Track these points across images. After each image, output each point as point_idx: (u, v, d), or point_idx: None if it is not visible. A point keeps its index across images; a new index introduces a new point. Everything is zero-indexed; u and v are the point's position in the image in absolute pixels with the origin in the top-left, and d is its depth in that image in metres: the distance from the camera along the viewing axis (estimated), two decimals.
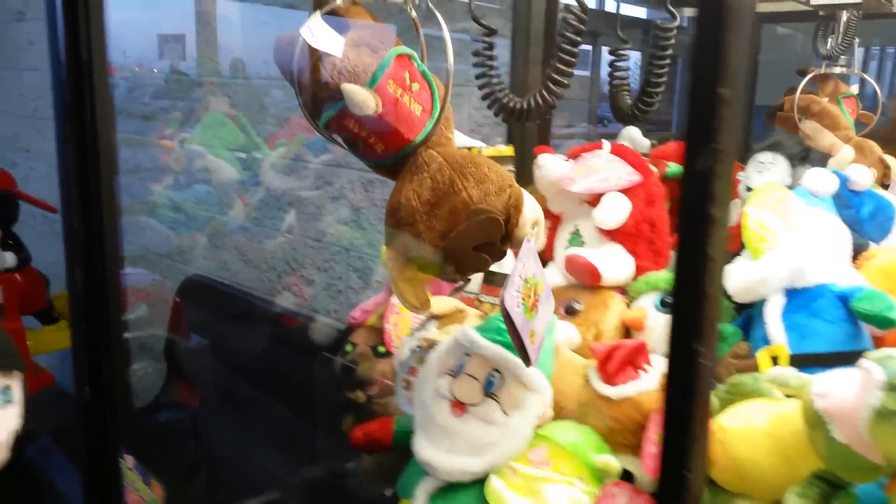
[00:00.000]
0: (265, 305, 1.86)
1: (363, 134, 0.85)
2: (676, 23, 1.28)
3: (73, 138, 0.87)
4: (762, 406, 0.85)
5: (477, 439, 0.83)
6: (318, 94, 0.82)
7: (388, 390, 1.25)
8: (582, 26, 1.12)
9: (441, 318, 1.07)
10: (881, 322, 0.94)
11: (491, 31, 1.30)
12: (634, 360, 0.89)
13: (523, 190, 0.87)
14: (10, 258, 2.89)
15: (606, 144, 1.29)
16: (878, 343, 1.02)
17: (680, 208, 0.45)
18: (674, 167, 1.46)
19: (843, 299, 0.98)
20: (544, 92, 1.40)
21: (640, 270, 1.21)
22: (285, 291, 1.82)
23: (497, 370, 0.85)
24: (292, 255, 1.86)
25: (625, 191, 1.22)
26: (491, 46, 1.36)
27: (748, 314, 1.10)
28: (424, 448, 0.84)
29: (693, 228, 0.44)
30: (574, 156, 1.32)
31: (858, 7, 1.74)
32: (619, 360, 0.88)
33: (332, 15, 0.83)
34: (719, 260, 0.44)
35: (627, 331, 1.19)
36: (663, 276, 1.16)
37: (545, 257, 1.34)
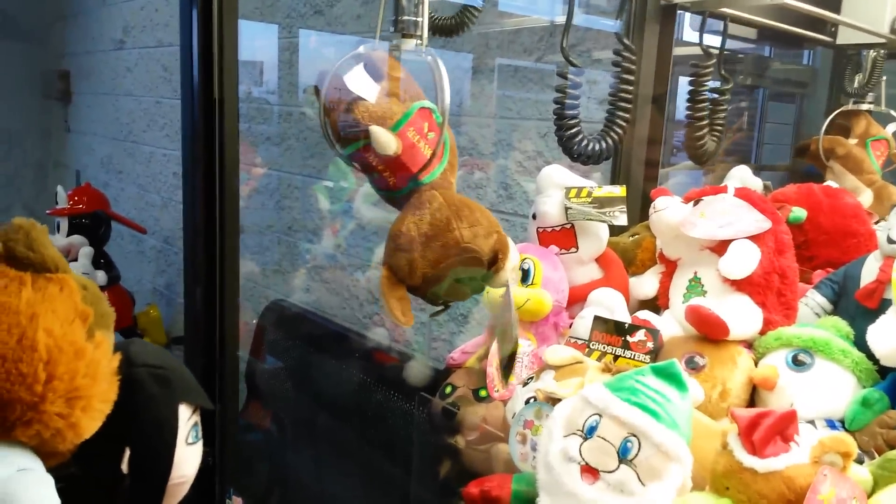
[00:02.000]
0: (354, 337, 1.84)
1: (380, 167, 1.01)
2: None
3: (202, 162, 0.87)
4: None
5: None
6: (347, 128, 0.98)
7: (490, 437, 1.20)
8: (632, 66, 1.34)
9: (558, 369, 1.01)
10: None
11: (572, 67, 1.31)
12: (784, 430, 0.81)
13: (508, 238, 1.03)
14: (101, 276, 2.99)
15: (731, 188, 1.22)
16: None
17: None
18: (798, 212, 1.37)
19: None
20: (613, 132, 1.38)
21: (768, 324, 1.13)
22: (375, 326, 1.80)
23: (634, 435, 0.78)
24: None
25: (753, 238, 1.15)
26: (576, 85, 1.34)
27: (895, 378, 1.01)
28: None
29: None
30: (694, 199, 1.25)
31: (884, 46, 1.73)
32: (768, 430, 0.80)
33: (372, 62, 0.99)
34: None
35: (754, 390, 1.10)
36: (796, 331, 1.08)
37: (659, 304, 1.28)
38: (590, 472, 0.79)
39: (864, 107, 1.83)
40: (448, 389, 1.25)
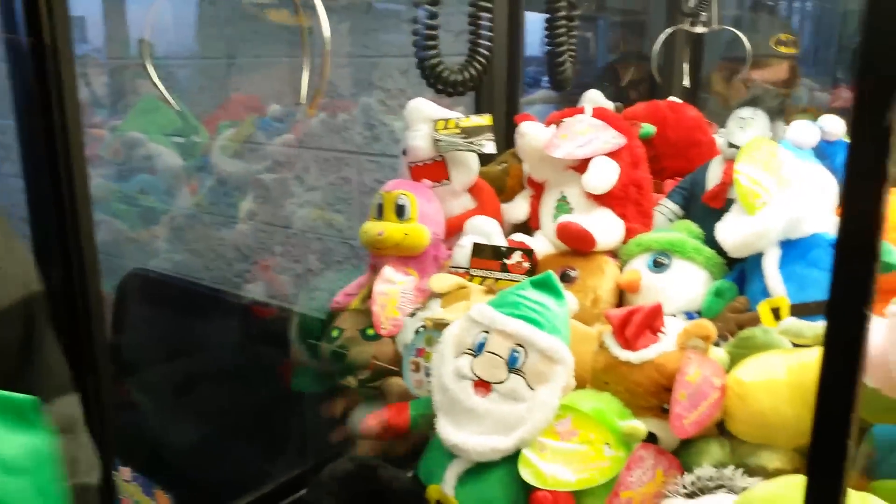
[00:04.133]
0: (227, 297, 1.77)
1: None
2: None
3: (42, 132, 0.78)
4: (779, 357, 0.86)
5: (505, 417, 0.81)
6: None
7: (381, 373, 1.21)
8: None
9: (443, 297, 1.03)
10: (885, 267, 0.96)
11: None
12: (651, 323, 0.89)
13: None
14: None
15: (588, 109, 1.27)
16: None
17: (850, 166, 0.42)
18: (647, 127, 1.46)
19: None
20: (475, 63, 1.40)
21: (629, 233, 1.21)
22: (247, 283, 1.74)
23: (520, 345, 0.82)
24: (253, 243, 1.77)
25: (611, 154, 1.21)
26: (434, 15, 1.33)
27: (741, 268, 1.12)
28: (452, 433, 0.81)
29: (862, 187, 0.41)
30: (555, 122, 1.30)
31: None
32: (638, 325, 0.87)
33: None
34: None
35: (621, 294, 1.19)
36: (653, 236, 1.16)
37: (530, 226, 1.33)
38: (482, 385, 0.82)
39: (699, 29, 1.95)
40: (335, 333, 1.24)
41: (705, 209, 1.23)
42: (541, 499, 0.77)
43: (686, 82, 2.08)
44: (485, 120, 1.31)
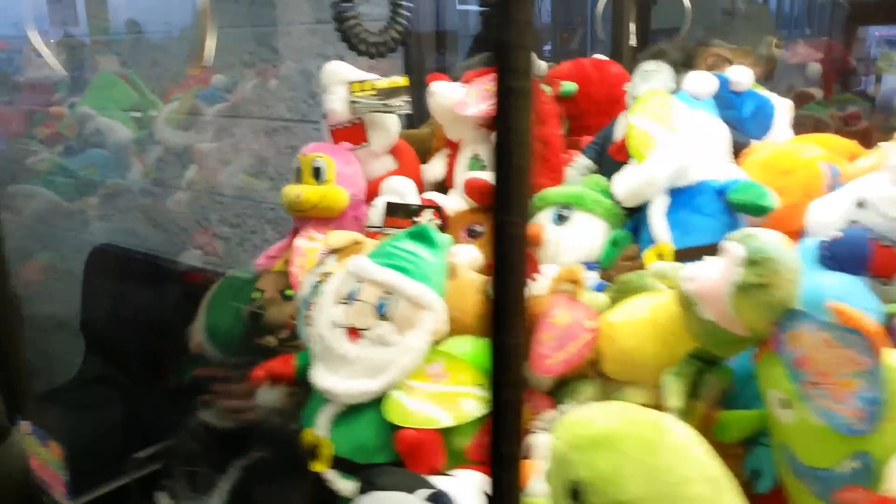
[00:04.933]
0: (174, 266, 1.81)
1: None
2: None
3: None
4: (645, 299, 0.89)
5: (374, 361, 0.84)
6: None
7: None
8: None
9: (340, 252, 1.07)
10: (755, 210, 0.99)
11: None
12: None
13: None
14: None
15: None
16: None
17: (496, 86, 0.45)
18: (567, 85, 1.47)
19: (722, 193, 1.03)
20: (396, 26, 1.41)
21: (537, 188, 1.23)
22: (196, 249, 1.77)
23: (388, 293, 0.85)
24: (198, 212, 1.81)
25: None
26: None
27: (637, 218, 1.14)
28: (324, 377, 0.84)
29: (501, 102, 0.44)
30: (468, 81, 1.32)
31: None
32: None
33: None
34: (524, 131, 0.44)
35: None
36: (555, 191, 1.19)
37: (446, 185, 1.35)
38: (353, 332, 0.86)
39: None
40: (256, 295, 1.27)
41: (613, 162, 1.24)
42: (405, 436, 0.81)
43: (633, 42, 2.08)
44: (401, 81, 1.33)
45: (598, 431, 0.58)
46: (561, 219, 1.17)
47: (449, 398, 0.85)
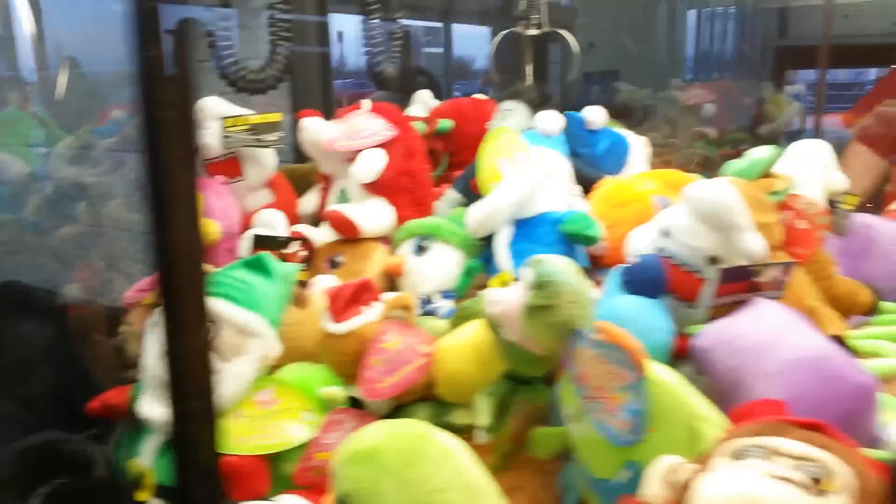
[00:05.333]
0: (55, 299, 1.79)
1: None
2: None
3: None
4: (474, 323, 0.93)
5: None
6: None
7: None
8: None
9: None
10: (583, 239, 1.05)
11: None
12: (360, 296, 0.95)
13: None
14: None
15: (366, 103, 1.34)
16: (597, 262, 1.14)
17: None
18: (444, 123, 1.54)
19: (558, 224, 1.09)
20: (274, 64, 1.46)
21: (402, 220, 1.27)
22: (77, 283, 1.76)
23: (211, 321, 0.87)
24: (82, 246, 1.79)
25: (383, 146, 1.28)
26: (227, 17, 1.39)
27: (490, 249, 1.19)
28: (149, 406, 0.85)
29: (148, 133, 0.48)
30: (339, 117, 1.36)
31: None
32: (345, 299, 0.93)
33: None
34: (173, 159, 0.48)
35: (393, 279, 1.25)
36: (416, 222, 1.23)
37: (320, 218, 1.38)
38: None
39: (531, 31, 2.05)
40: (123, 328, 1.27)
41: (477, 196, 1.30)
42: (228, 463, 0.82)
43: (529, 81, 2.17)
44: (274, 117, 1.37)
45: (362, 446, 0.61)
46: (421, 249, 1.21)
47: (276, 424, 0.87)
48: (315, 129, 1.31)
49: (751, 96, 3.09)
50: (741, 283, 0.85)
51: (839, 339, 0.95)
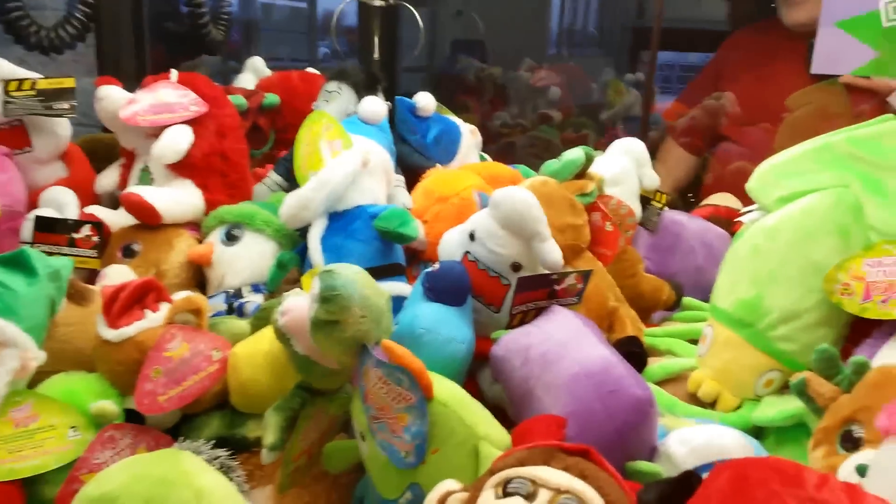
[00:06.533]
0: None
1: None
2: None
3: None
4: (272, 328, 0.87)
5: None
6: None
7: None
8: None
9: None
10: (397, 237, 1.01)
11: None
12: (143, 298, 0.85)
13: None
14: None
15: (174, 73, 1.21)
16: (418, 256, 1.11)
17: None
18: (270, 97, 1.44)
19: (374, 218, 1.04)
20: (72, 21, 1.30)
21: (212, 205, 1.17)
22: None
23: None
24: None
25: (191, 122, 1.17)
26: None
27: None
28: None
29: None
30: (145, 86, 1.22)
31: None
32: (122, 302, 0.83)
33: None
34: None
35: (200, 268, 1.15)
36: (227, 209, 1.14)
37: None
38: None
39: (376, 2, 1.96)
40: None
41: None
42: None
43: (376, 55, 2.09)
44: (66, 82, 1.20)
45: (99, 492, 0.54)
46: (230, 238, 1.12)
47: (34, 444, 0.77)
48: (113, 100, 1.17)
49: (599, 80, 3.18)
50: (541, 291, 0.85)
51: (635, 340, 1.00)
